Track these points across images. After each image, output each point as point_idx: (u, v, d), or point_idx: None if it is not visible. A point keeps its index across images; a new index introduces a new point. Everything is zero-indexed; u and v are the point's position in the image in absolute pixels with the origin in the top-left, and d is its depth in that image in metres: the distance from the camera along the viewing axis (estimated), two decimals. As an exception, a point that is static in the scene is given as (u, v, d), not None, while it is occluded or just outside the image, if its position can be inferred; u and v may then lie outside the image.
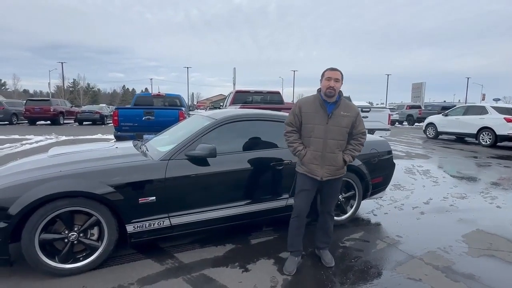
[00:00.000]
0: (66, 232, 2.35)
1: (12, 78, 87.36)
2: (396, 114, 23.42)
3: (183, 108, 7.77)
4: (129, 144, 3.33)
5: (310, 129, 2.40)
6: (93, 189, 2.32)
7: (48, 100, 19.58)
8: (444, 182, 5.54)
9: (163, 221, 2.60)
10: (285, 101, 10.30)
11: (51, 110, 18.49)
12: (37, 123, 18.89)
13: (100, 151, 2.99)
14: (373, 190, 3.61)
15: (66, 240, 2.35)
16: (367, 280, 2.37)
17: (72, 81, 73.58)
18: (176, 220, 2.64)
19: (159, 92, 9.44)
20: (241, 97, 8.56)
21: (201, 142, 2.72)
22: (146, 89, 77.14)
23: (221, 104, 10.34)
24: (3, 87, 76.16)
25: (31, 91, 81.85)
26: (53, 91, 60.55)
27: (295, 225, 2.53)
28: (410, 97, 37.43)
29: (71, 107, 21.88)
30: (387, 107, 22.12)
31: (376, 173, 3.58)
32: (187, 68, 54.64)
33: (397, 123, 23.91)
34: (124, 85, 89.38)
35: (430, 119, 13.65)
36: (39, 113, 18.32)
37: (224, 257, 2.70)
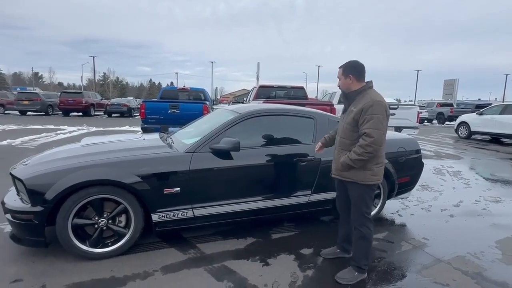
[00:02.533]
0: (96, 218, 2.47)
1: (48, 71, 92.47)
2: (425, 112, 22.44)
3: (207, 102, 7.88)
4: (155, 136, 3.42)
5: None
6: (122, 178, 2.42)
7: (81, 92, 20.52)
8: (476, 185, 5.26)
9: (187, 212, 2.66)
10: (309, 96, 10.17)
11: (83, 102, 19.35)
12: (70, 114, 19.86)
13: (128, 142, 3.09)
14: (399, 190, 3.49)
15: (96, 226, 2.48)
16: (390, 281, 2.31)
17: (103, 74, 77.00)
18: (199, 212, 2.69)
19: (184, 86, 9.63)
20: (265, 92, 8.53)
21: (225, 136, 2.75)
22: (171, 83, 79.04)
23: (244, 99, 10.37)
24: (40, 80, 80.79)
25: (65, 84, 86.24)
26: (85, 84, 63.55)
27: (339, 222, 2.64)
28: (442, 95, 35.75)
29: (101, 99, 22.80)
30: (416, 104, 21.27)
31: (403, 172, 3.46)
32: (212, 62, 55.18)
33: (426, 121, 22.95)
34: (150, 79, 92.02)
35: (462, 117, 12.96)
36: (72, 105, 19.23)
37: (245, 250, 2.73)
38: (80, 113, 20.11)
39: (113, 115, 20.96)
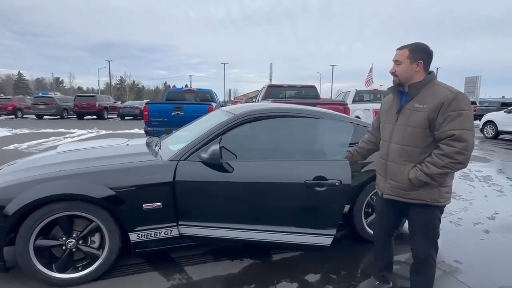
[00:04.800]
0: (64, 238, 2.12)
1: (68, 76, 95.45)
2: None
3: (213, 104, 7.53)
4: (142, 141, 3.06)
5: (381, 128, 1.92)
6: (90, 191, 2.06)
7: (94, 96, 20.71)
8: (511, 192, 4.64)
9: (171, 230, 2.28)
10: (322, 96, 9.67)
11: (97, 105, 19.51)
12: (84, 117, 20.08)
13: (108, 149, 2.75)
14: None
15: (64, 248, 2.13)
16: (417, 322, 1.84)
17: (120, 78, 78.77)
18: (186, 230, 2.30)
19: (190, 87, 9.36)
20: (274, 92, 8.10)
21: (218, 142, 2.32)
22: (186, 85, 79.88)
23: (253, 99, 9.97)
24: (61, 85, 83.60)
25: (84, 88, 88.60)
26: (102, 88, 65.26)
27: (374, 249, 2.13)
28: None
29: (115, 102, 23.00)
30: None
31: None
32: (224, 64, 55.22)
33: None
34: (165, 82, 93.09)
35: (488, 116, 12.07)
36: (86, 108, 19.44)
37: (239, 275, 2.32)
38: (94, 116, 20.31)
39: (126, 118, 21.05)
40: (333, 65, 54.38)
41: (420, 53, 1.68)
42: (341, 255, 2.64)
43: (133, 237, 2.21)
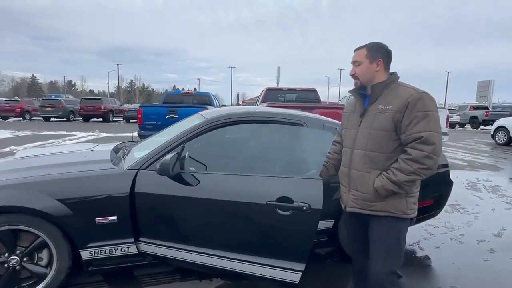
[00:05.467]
0: (6, 255, 1.91)
1: (80, 79, 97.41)
2: (457, 115, 20.83)
3: (209, 107, 7.33)
4: (108, 147, 2.85)
5: (343, 135, 1.75)
6: (34, 203, 1.85)
7: (100, 99, 20.86)
8: (522, 205, 4.27)
9: (128, 247, 2.05)
10: (330, 101, 9.38)
11: (102, 108, 19.60)
12: (90, 120, 20.20)
13: (68, 155, 2.55)
14: (419, 216, 2.68)
15: (6, 265, 1.92)
16: None
17: (130, 81, 79.98)
18: (146, 248, 2.06)
19: (188, 90, 9.23)
20: (273, 96, 7.86)
21: (180, 150, 2.08)
22: (195, 88, 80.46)
23: (252, 102, 9.74)
24: (73, 88, 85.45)
25: (95, 91, 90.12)
26: (113, 91, 66.26)
27: (352, 273, 1.88)
28: (475, 97, 33.27)
29: (121, 105, 23.11)
30: (446, 107, 19.74)
31: (424, 193, 2.65)
32: (231, 68, 55.38)
33: (457, 125, 21.29)
34: (174, 85, 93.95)
35: (501, 121, 11.54)
36: (91, 111, 19.54)
37: (204, 298, 2.07)
38: (100, 119, 20.42)
39: (131, 120, 21.09)
40: (341, 69, 53.93)
41: (378, 52, 1.56)
42: (326, 275, 2.37)
43: (84, 254, 1.98)
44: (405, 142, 1.44)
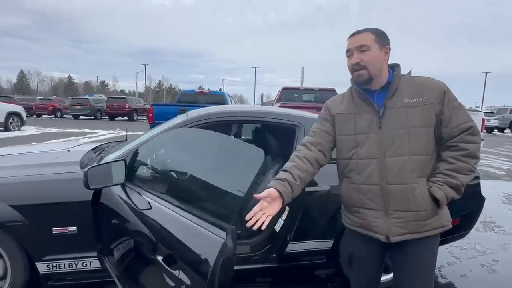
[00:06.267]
0: (-45, 265, 1.74)
1: (112, 79, 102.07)
2: (495, 119, 19.32)
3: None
4: (87, 147, 2.65)
5: (346, 143, 1.30)
6: (-18, 210, 1.65)
7: (124, 98, 21.41)
8: None
9: (91, 262, 1.81)
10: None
11: (127, 107, 20.10)
12: (116, 118, 20.80)
13: (39, 156, 2.36)
14: (442, 238, 2.24)
15: (-44, 276, 1.75)
16: None
17: (158, 82, 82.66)
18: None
19: (202, 89, 9.08)
20: (289, 95, 7.47)
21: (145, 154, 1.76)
22: (220, 89, 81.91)
23: (270, 102, 9.41)
24: (106, 87, 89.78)
25: (126, 91, 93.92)
26: (141, 91, 68.77)
27: None
28: (517, 100, 30.77)
29: (145, 104, 23.63)
30: (483, 110, 18.33)
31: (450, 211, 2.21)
32: (255, 68, 55.20)
33: (496, 130, 19.74)
34: (200, 86, 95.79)
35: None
36: (117, 110, 20.11)
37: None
38: (126, 118, 20.96)
39: (154, 119, 21.50)
40: (369, 70, 51.92)
41: (385, 38, 1.28)
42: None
43: (41, 267, 1.77)
44: (450, 136, 1.21)
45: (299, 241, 2.03)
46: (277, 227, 2.14)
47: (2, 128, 10.94)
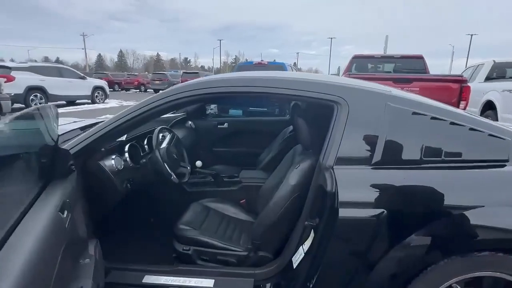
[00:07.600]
0: None
1: (193, 56, 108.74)
2: None
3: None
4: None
5: None
6: None
7: (197, 73, 22.17)
8: None
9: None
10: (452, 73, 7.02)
11: (200, 81, 20.76)
12: (190, 92, 21.73)
13: None
14: None
15: None
16: None
17: (234, 57, 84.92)
18: None
19: (261, 60, 8.30)
20: (361, 65, 6.14)
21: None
22: (294, 63, 79.74)
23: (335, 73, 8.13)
24: (188, 64, 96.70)
25: (205, 67, 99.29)
26: (218, 67, 71.66)
27: None
28: None
29: (216, 79, 24.17)
30: None
31: None
32: (331, 39, 51.18)
33: None
34: (274, 60, 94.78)
35: None
36: (191, 84, 20.93)
37: None
38: (198, 92, 21.70)
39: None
40: (471, 35, 42.76)
41: None
42: None
43: None
44: None
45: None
46: (295, 260, 1.38)
47: (90, 101, 12.20)
